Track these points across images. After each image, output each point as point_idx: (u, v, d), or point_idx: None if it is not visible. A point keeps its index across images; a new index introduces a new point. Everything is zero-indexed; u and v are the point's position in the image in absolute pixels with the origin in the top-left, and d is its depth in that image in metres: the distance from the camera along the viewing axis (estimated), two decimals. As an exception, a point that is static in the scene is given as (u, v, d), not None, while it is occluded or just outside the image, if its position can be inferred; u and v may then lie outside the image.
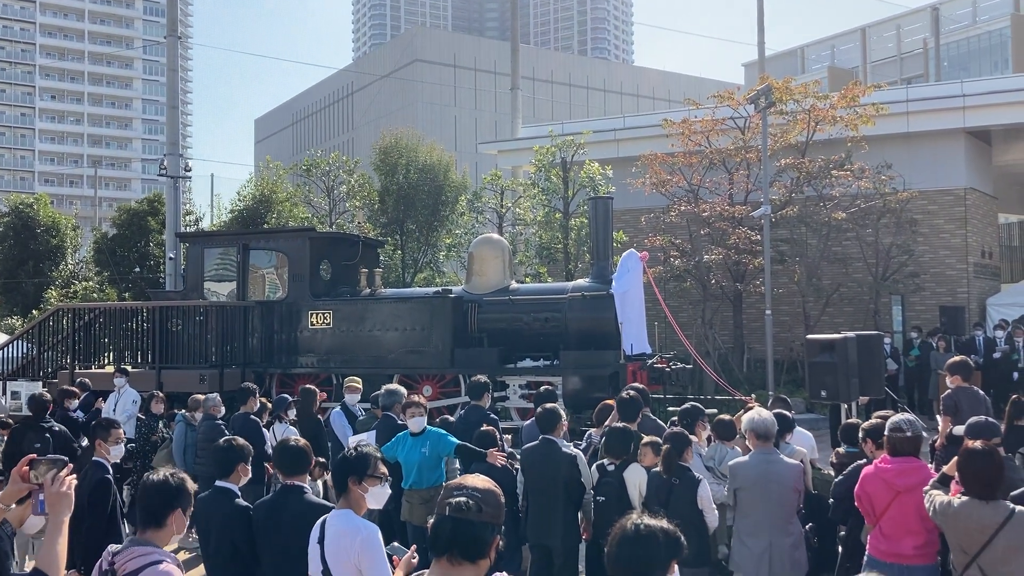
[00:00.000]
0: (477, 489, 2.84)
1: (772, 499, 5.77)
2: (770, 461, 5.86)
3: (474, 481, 2.91)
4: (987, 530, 4.42)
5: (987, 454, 4.55)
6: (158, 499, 3.69)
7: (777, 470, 5.82)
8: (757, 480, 5.80)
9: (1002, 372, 16.94)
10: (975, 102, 20.92)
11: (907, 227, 19.45)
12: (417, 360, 13.36)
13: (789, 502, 5.83)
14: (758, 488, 5.79)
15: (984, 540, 4.43)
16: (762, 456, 5.89)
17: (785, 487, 5.79)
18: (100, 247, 27.59)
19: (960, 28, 52.70)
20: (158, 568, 3.44)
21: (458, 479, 2.99)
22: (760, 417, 6.04)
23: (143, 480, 3.84)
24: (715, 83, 66.71)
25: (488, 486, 2.89)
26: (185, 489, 3.76)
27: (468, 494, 2.80)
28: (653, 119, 24.07)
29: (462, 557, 2.75)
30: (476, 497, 2.79)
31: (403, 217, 25.40)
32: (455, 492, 2.83)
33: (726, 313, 20.59)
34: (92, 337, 15.06)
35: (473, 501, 2.78)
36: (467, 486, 2.86)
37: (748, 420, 6.13)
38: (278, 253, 14.45)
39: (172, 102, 23.21)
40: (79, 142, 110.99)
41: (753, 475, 5.82)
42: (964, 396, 7.96)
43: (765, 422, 5.98)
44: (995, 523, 4.40)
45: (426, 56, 76.40)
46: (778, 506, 5.78)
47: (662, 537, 2.77)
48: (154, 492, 3.71)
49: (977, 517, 4.45)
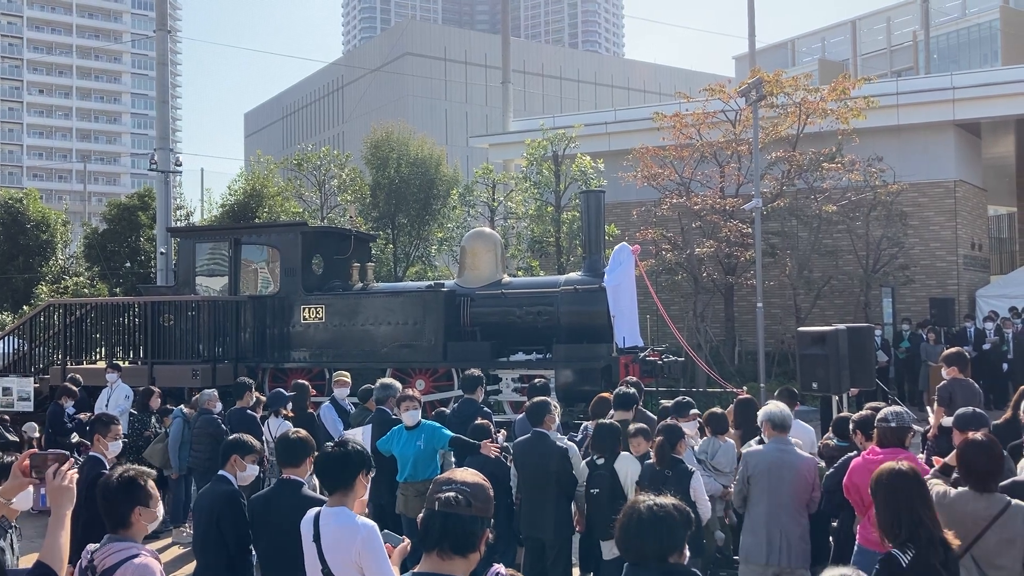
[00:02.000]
0: (466, 483, 2.86)
1: (784, 489, 5.83)
2: (784, 451, 5.93)
3: (463, 475, 2.93)
4: (981, 522, 4.45)
5: (986, 445, 4.57)
6: (116, 501, 3.67)
7: (790, 460, 5.89)
8: (770, 468, 5.86)
9: (992, 363, 17.07)
10: (964, 95, 21.02)
11: (897, 219, 19.54)
12: (410, 354, 13.36)
13: (801, 493, 5.87)
14: (771, 477, 5.85)
15: (978, 531, 4.45)
16: (777, 445, 5.97)
17: (798, 477, 5.85)
18: (90, 242, 27.49)
19: (950, 21, 52.87)
20: (134, 562, 3.50)
21: (447, 473, 3.01)
22: (777, 408, 6.12)
23: (98, 487, 3.78)
24: (706, 76, 66.76)
25: (477, 480, 2.91)
26: (137, 483, 3.70)
27: (457, 488, 2.82)
28: (644, 112, 24.10)
29: (452, 551, 2.78)
30: (465, 492, 2.82)
31: (395, 211, 25.38)
32: (444, 487, 2.85)
33: (718, 306, 20.65)
34: (83, 332, 15.02)
35: (463, 496, 2.80)
36: (456, 480, 2.88)
37: (764, 412, 6.19)
38: (270, 248, 14.42)
39: (162, 97, 23.11)
40: (68, 136, 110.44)
41: (767, 464, 5.88)
42: (959, 388, 8.02)
43: (782, 412, 6.06)
44: (990, 515, 4.42)
45: (416, 49, 76.27)
46: (789, 496, 5.84)
47: (678, 516, 2.81)
48: (111, 496, 3.67)
49: (972, 508, 4.47)
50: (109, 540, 3.62)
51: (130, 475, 3.73)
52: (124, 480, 3.70)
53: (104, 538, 3.65)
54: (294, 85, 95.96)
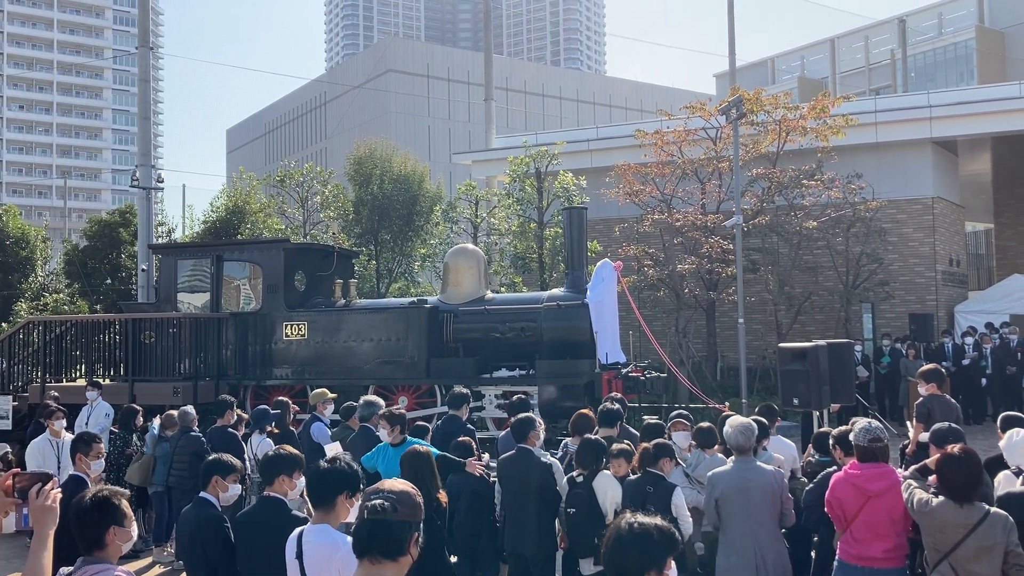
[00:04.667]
0: (392, 491, 3.04)
1: (753, 507, 5.73)
2: (747, 470, 5.85)
3: (391, 484, 3.11)
4: (960, 529, 4.56)
5: (964, 459, 4.67)
6: (89, 522, 3.63)
7: (755, 478, 5.80)
8: (737, 489, 5.78)
9: (971, 379, 17.23)
10: (941, 113, 21.29)
11: (876, 236, 19.72)
12: (392, 371, 13.34)
13: (771, 510, 5.78)
14: (739, 497, 5.76)
15: (957, 539, 4.56)
16: (740, 465, 5.90)
17: (766, 494, 5.76)
18: (71, 259, 27.26)
19: (926, 40, 53.54)
20: None
21: (376, 484, 3.17)
22: (735, 432, 5.97)
23: (71, 508, 3.73)
24: (688, 94, 67.26)
25: (404, 488, 3.08)
26: (111, 503, 3.68)
27: (384, 496, 2.99)
28: (626, 130, 24.24)
29: (382, 556, 2.94)
30: (391, 498, 2.99)
31: (378, 227, 25.36)
32: (372, 496, 3.02)
33: (699, 322, 20.75)
34: (63, 350, 14.90)
35: (388, 502, 2.96)
36: (383, 489, 3.06)
37: (725, 436, 6.11)
38: (252, 264, 14.39)
39: (144, 113, 23.03)
40: (48, 152, 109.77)
41: (732, 486, 5.80)
42: (937, 404, 8.09)
43: (739, 435, 5.93)
44: (969, 523, 4.54)
45: (399, 66, 76.41)
46: (760, 513, 5.74)
47: (657, 534, 2.85)
48: (84, 517, 3.63)
49: (952, 517, 4.59)
50: (84, 563, 3.57)
51: (103, 495, 3.70)
52: (97, 500, 3.67)
53: (78, 561, 3.60)
54: (277, 101, 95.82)
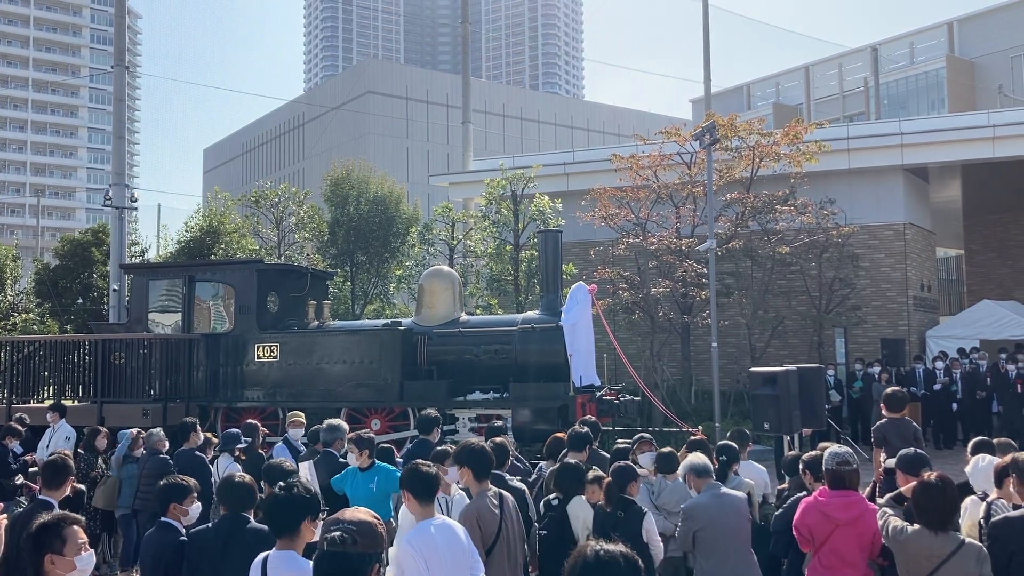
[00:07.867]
0: (352, 522, 3.00)
1: (731, 532, 5.88)
2: (719, 496, 6.00)
3: (352, 514, 3.07)
4: (935, 559, 4.54)
5: (940, 487, 4.66)
6: (27, 549, 3.56)
7: (729, 503, 5.97)
8: (715, 519, 5.88)
9: (942, 404, 17.35)
10: (912, 140, 21.58)
11: (849, 261, 19.90)
12: (365, 393, 13.24)
13: (745, 532, 5.95)
14: (717, 526, 5.86)
15: (931, 568, 4.55)
16: (710, 492, 6.03)
17: (741, 518, 5.95)
18: (42, 278, 26.95)
19: (898, 68, 54.36)
20: None
21: (336, 514, 3.12)
22: (697, 459, 6.27)
23: (19, 539, 3.69)
24: (664, 118, 67.87)
25: (364, 518, 3.04)
26: (50, 530, 3.58)
27: (343, 528, 2.96)
28: (602, 154, 24.37)
29: None
30: (351, 530, 2.95)
31: (353, 249, 25.29)
32: (332, 527, 2.98)
33: (674, 345, 20.80)
34: (32, 370, 14.69)
35: (347, 534, 2.93)
36: (344, 520, 3.02)
37: (685, 464, 6.34)
38: (225, 285, 14.27)
39: (119, 132, 22.93)
40: (22, 171, 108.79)
41: (709, 517, 5.89)
42: (892, 427, 8.16)
43: (701, 463, 6.21)
44: (944, 552, 4.53)
45: (378, 88, 76.59)
46: (737, 538, 5.89)
47: (623, 562, 2.82)
48: (24, 544, 3.57)
49: (927, 546, 4.58)
50: None
51: (44, 523, 3.61)
52: (38, 527, 3.59)
53: None
54: (254, 122, 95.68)
